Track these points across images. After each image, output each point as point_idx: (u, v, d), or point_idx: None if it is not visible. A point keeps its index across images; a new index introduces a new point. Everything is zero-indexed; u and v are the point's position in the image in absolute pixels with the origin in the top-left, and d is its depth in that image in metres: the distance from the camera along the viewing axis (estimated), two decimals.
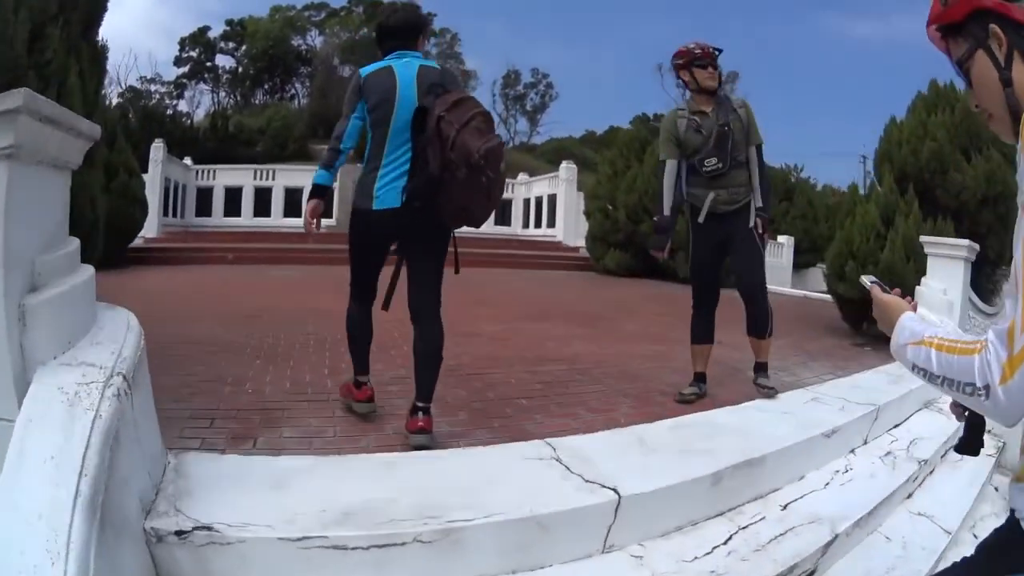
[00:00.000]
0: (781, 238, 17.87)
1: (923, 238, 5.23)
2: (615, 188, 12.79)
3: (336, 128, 2.39)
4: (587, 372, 3.77)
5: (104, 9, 2.79)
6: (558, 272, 13.25)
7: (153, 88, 44.01)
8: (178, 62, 44.61)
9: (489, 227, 21.10)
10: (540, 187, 20.38)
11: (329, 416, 2.69)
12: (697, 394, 3.19)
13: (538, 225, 20.18)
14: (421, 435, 2.26)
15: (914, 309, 1.00)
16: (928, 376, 0.84)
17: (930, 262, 5.17)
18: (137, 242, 12.77)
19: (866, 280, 1.13)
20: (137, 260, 11.65)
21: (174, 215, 17.71)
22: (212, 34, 44.87)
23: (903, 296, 1.04)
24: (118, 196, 10.15)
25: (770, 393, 3.15)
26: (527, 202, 21.14)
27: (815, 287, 18.68)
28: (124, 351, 1.70)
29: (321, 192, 2.47)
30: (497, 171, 2.12)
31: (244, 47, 44.03)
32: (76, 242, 1.85)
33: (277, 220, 18.98)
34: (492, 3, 79.06)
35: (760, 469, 2.33)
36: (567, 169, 18.66)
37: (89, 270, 1.86)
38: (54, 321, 1.59)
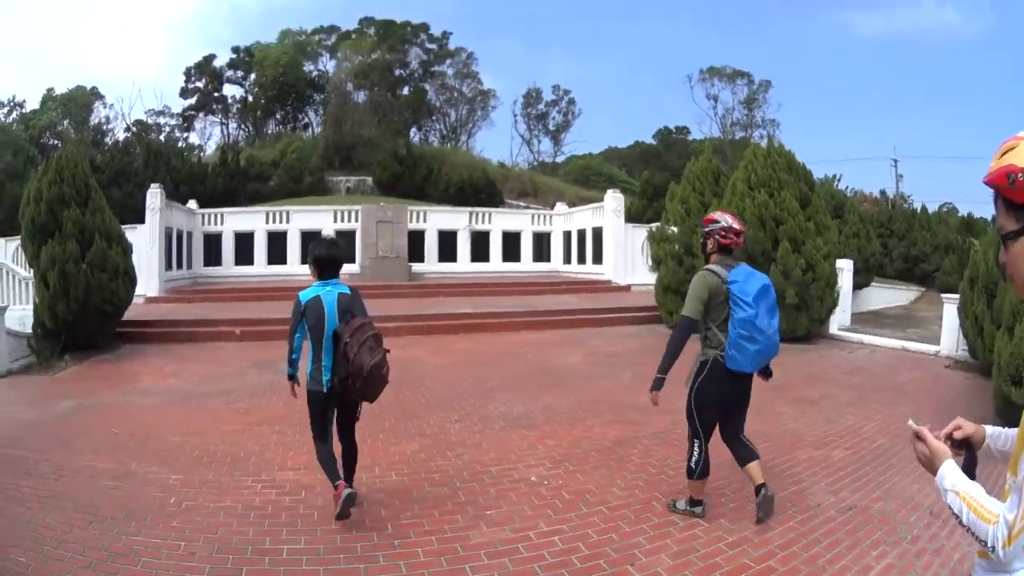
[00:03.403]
0: (840, 262, 15.64)
1: None
2: (690, 230, 10.69)
3: (288, 341, 3.63)
4: None
5: None
6: (626, 329, 11.13)
7: (162, 121, 42.85)
8: (184, 93, 42.81)
9: (528, 264, 19.30)
10: (582, 218, 18.36)
11: None
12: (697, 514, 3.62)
13: (581, 260, 18.14)
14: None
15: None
16: (958, 520, 1.18)
17: None
18: (137, 300, 10.98)
19: (913, 424, 1.33)
20: (129, 337, 9.75)
21: (179, 267, 15.79)
22: (218, 63, 43.06)
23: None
24: (96, 269, 8.22)
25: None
26: (567, 235, 19.14)
27: (868, 307, 16.67)
28: None
29: (292, 376, 3.74)
30: (380, 375, 3.42)
31: (253, 75, 42.03)
32: None
33: (294, 268, 17.04)
34: (506, 20, 77.52)
35: None
36: (613, 198, 16.65)
37: None
38: None
